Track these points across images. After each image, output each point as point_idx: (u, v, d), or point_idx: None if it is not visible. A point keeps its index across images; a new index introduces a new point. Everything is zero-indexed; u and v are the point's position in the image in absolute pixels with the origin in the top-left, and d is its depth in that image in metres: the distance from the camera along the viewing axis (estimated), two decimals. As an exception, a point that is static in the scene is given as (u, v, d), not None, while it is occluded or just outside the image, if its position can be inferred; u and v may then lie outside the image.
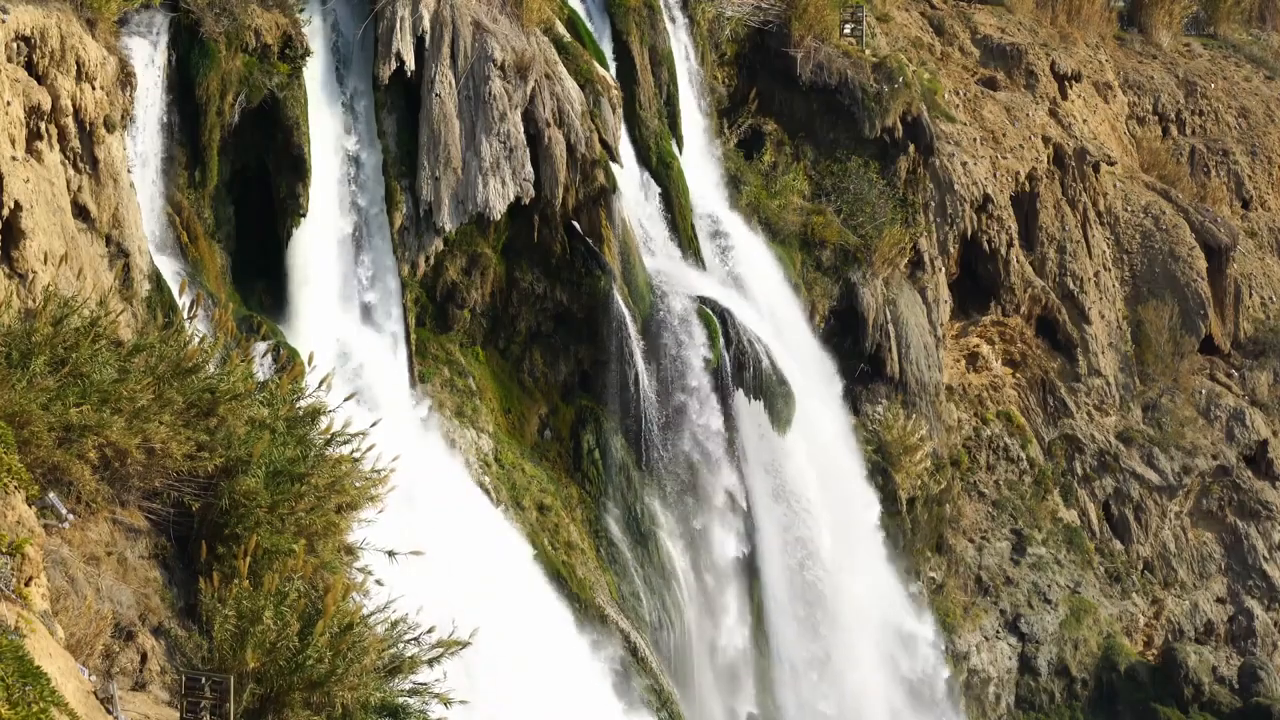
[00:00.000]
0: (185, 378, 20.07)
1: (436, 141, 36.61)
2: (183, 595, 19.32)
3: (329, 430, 21.48)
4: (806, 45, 47.49)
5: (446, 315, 38.23)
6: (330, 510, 20.16)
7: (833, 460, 43.61)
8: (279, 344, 32.54)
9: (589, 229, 39.02)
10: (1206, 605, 53.77)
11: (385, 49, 36.07)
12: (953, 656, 47.75)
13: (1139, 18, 65.55)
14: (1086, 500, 53.22)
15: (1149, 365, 55.93)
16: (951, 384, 51.13)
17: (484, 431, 37.87)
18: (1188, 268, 56.93)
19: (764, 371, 40.92)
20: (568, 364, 39.74)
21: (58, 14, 28.44)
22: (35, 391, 18.17)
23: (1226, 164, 63.10)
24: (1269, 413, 57.38)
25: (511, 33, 37.83)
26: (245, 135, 34.33)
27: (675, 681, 38.66)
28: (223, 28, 33.25)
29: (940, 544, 49.08)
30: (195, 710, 16.88)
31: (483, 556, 34.00)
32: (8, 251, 26.19)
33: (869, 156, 48.01)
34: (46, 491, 17.86)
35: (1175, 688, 51.10)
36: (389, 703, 18.65)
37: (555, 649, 34.80)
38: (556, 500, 38.46)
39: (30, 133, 27.70)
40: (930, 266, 48.78)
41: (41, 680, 13.55)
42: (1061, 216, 54.44)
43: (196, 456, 19.52)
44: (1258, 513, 55.35)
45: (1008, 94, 55.77)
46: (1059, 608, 50.46)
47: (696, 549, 40.72)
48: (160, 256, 31.90)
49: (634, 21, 42.67)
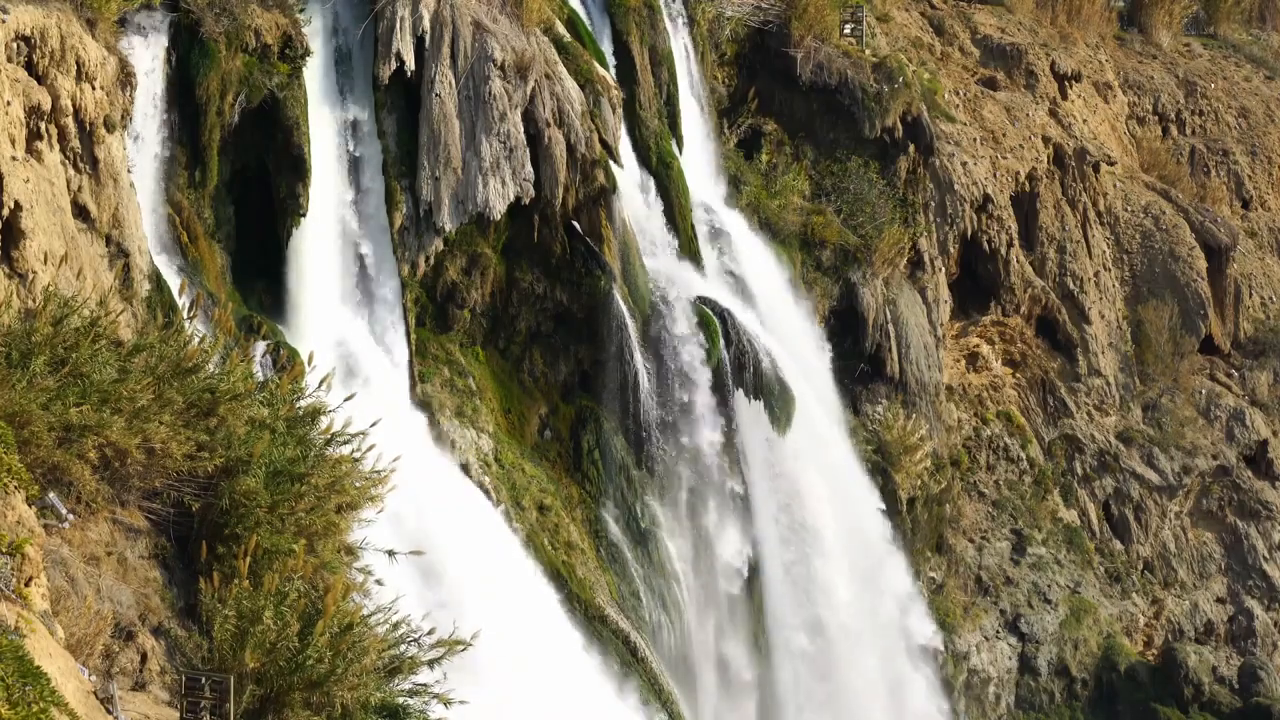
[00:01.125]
0: (185, 378, 20.07)
1: (436, 141, 36.61)
2: (183, 595, 19.33)
3: (329, 430, 21.48)
4: (806, 45, 47.48)
5: (446, 315, 38.23)
6: (330, 510, 20.16)
7: (833, 460, 43.61)
8: (279, 344, 32.55)
9: (589, 229, 39.02)
10: (1206, 605, 53.76)
11: (385, 49, 36.07)
12: (953, 656, 47.75)
13: (1139, 18, 65.54)
14: (1086, 500, 53.21)
15: (1149, 365, 55.92)
16: (951, 384, 51.13)
17: (484, 431, 37.86)
18: (1188, 268, 56.93)
19: (764, 371, 40.93)
20: (568, 364, 39.74)
21: (58, 14, 28.43)
22: (35, 391, 18.17)
23: (1226, 164, 63.09)
24: (1269, 413, 57.37)
25: (511, 33, 37.83)
26: (245, 135, 34.33)
27: (675, 681, 38.66)
28: (223, 28, 33.25)
29: (940, 544, 49.08)
30: (195, 710, 16.88)
31: (482, 556, 34.00)
32: (8, 251, 26.19)
33: (869, 156, 48.00)
34: (46, 491, 17.86)
35: (1175, 688, 51.09)
36: (389, 703, 18.65)
37: (554, 649, 34.80)
38: (556, 500, 38.46)
39: (30, 133, 27.69)
40: (930, 266, 48.77)
41: (41, 680, 13.54)
42: (1061, 216, 54.43)
43: (196, 456, 19.52)
44: (1258, 513, 55.34)
45: (1008, 94, 55.76)
46: (1059, 608, 50.45)
47: (696, 549, 40.72)
48: (160, 256, 31.90)
49: (634, 21, 42.67)
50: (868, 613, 43.90)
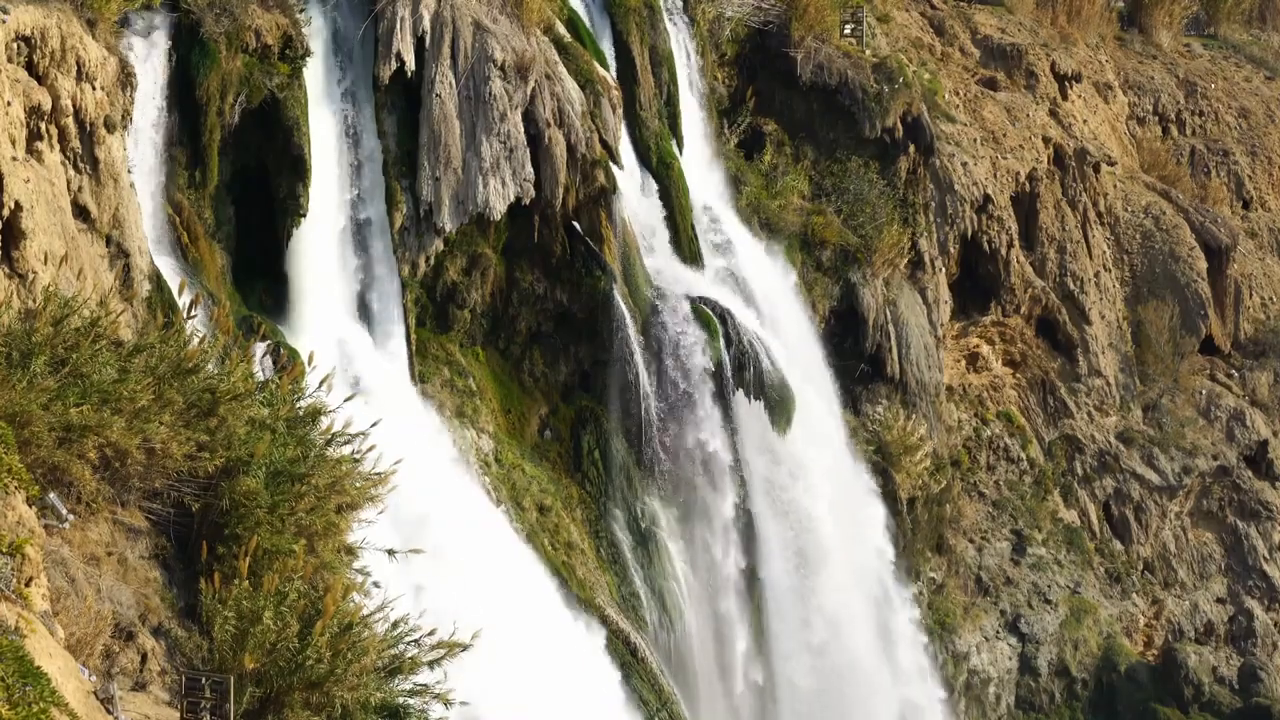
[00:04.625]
0: (185, 378, 20.06)
1: (436, 142, 36.61)
2: (183, 595, 19.32)
3: (329, 430, 21.47)
4: (807, 45, 47.48)
5: (446, 315, 38.23)
6: (330, 510, 20.15)
7: (832, 459, 43.61)
8: (279, 344, 32.54)
9: (589, 229, 39.02)
10: (1206, 605, 53.76)
11: (385, 49, 36.07)
12: (953, 656, 47.76)
13: (1139, 18, 65.58)
14: (1086, 500, 53.22)
15: (1149, 365, 55.93)
16: (951, 384, 51.13)
17: (484, 432, 37.87)
18: (1188, 268, 56.94)
19: (764, 371, 40.93)
20: (568, 364, 39.75)
21: (58, 14, 28.43)
22: (35, 392, 18.16)
23: (1226, 164, 63.10)
24: (1269, 413, 57.38)
25: (511, 33, 37.83)
26: (245, 135, 34.33)
27: (675, 681, 38.65)
28: (223, 28, 33.25)
29: (940, 544, 49.08)
30: (195, 710, 16.88)
31: (481, 556, 33.98)
32: (8, 252, 26.18)
33: (869, 157, 48.00)
34: (46, 491, 17.86)
35: (1175, 688, 51.11)
36: (389, 703, 18.64)
37: (554, 649, 34.77)
38: (556, 500, 38.47)
39: (30, 133, 27.69)
40: (930, 267, 48.78)
41: (41, 680, 13.55)
42: (1061, 217, 54.43)
43: (197, 457, 19.51)
44: (1258, 513, 55.35)
45: (1008, 94, 55.77)
46: (1059, 608, 50.46)
47: (696, 549, 40.73)
48: (160, 256, 31.90)
49: (634, 22, 42.67)
50: (867, 608, 43.93)
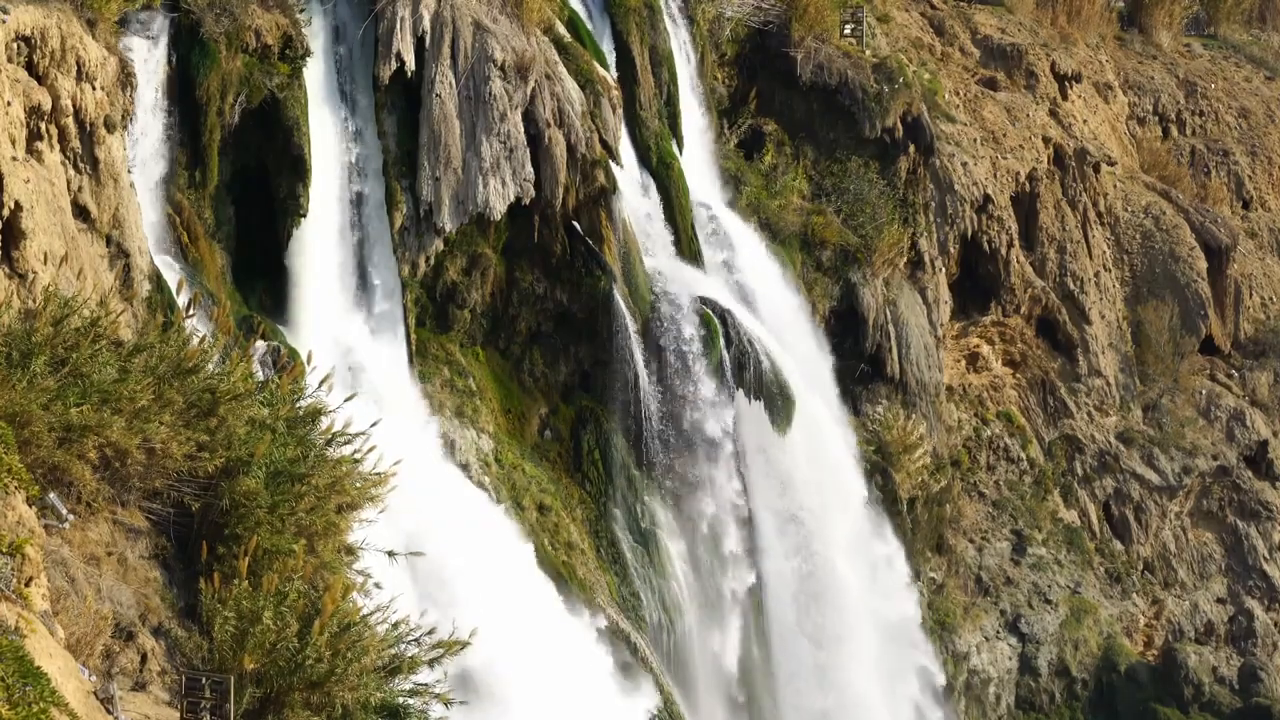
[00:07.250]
0: (185, 378, 20.05)
1: (436, 142, 36.61)
2: (183, 595, 19.31)
3: (329, 430, 21.46)
4: (807, 45, 47.49)
5: (446, 315, 38.24)
6: (330, 510, 20.14)
7: (832, 459, 43.60)
8: (279, 344, 32.54)
9: (589, 229, 39.02)
10: (1206, 605, 53.76)
11: (385, 49, 36.08)
12: (953, 656, 47.75)
13: (1139, 18, 65.57)
14: (1086, 500, 53.21)
15: (1149, 365, 55.93)
16: (951, 384, 51.13)
17: (484, 432, 37.87)
18: (1188, 268, 56.93)
19: (764, 371, 40.94)
20: (568, 364, 39.75)
21: (58, 14, 28.44)
22: (35, 391, 18.16)
23: (1226, 164, 63.10)
24: (1269, 413, 57.38)
25: (511, 33, 37.83)
26: (245, 135, 34.34)
27: (675, 681, 38.66)
28: (223, 28, 33.26)
29: (940, 544, 49.07)
30: (195, 710, 16.87)
31: (482, 556, 33.99)
32: (8, 251, 26.19)
33: (869, 156, 48.00)
34: (46, 491, 17.85)
35: (1175, 688, 51.10)
36: (389, 703, 18.63)
37: (554, 649, 34.77)
38: (556, 500, 38.47)
39: (30, 133, 27.70)
40: (930, 266, 48.77)
41: (41, 680, 13.54)
42: (1061, 217, 54.43)
43: (197, 457, 19.50)
44: (1258, 513, 55.34)
45: (1008, 94, 55.76)
46: (1059, 608, 50.45)
47: (697, 548, 40.73)
48: (160, 256, 31.90)
49: (634, 22, 42.67)
50: (868, 607, 43.92)
